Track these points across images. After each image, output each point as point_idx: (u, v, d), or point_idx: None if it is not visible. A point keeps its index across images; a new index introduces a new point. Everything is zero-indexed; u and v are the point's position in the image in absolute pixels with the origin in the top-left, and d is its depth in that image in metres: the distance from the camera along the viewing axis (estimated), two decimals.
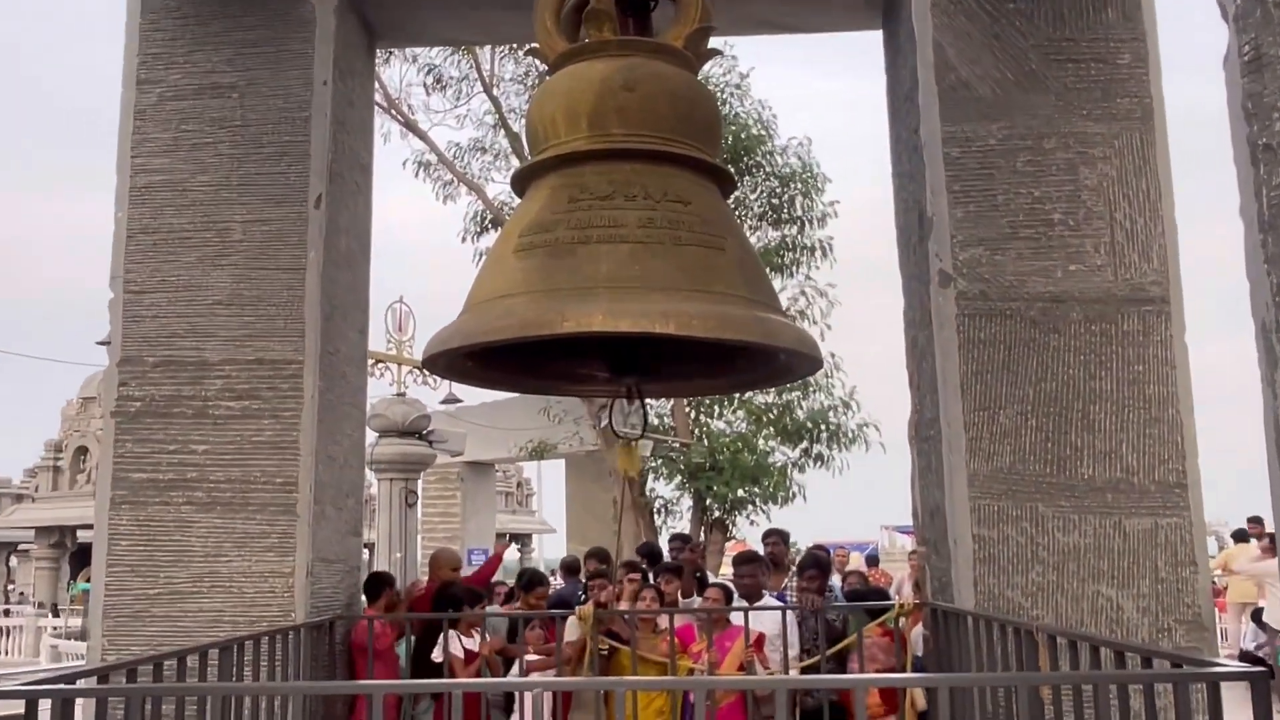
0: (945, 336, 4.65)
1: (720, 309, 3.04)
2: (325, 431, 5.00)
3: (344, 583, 5.23)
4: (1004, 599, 4.44)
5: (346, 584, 5.27)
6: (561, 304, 2.98)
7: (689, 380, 4.19)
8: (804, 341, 3.27)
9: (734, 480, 13.58)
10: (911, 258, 5.16)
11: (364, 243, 5.65)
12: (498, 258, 3.36)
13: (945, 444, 4.65)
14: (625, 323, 2.92)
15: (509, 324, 2.99)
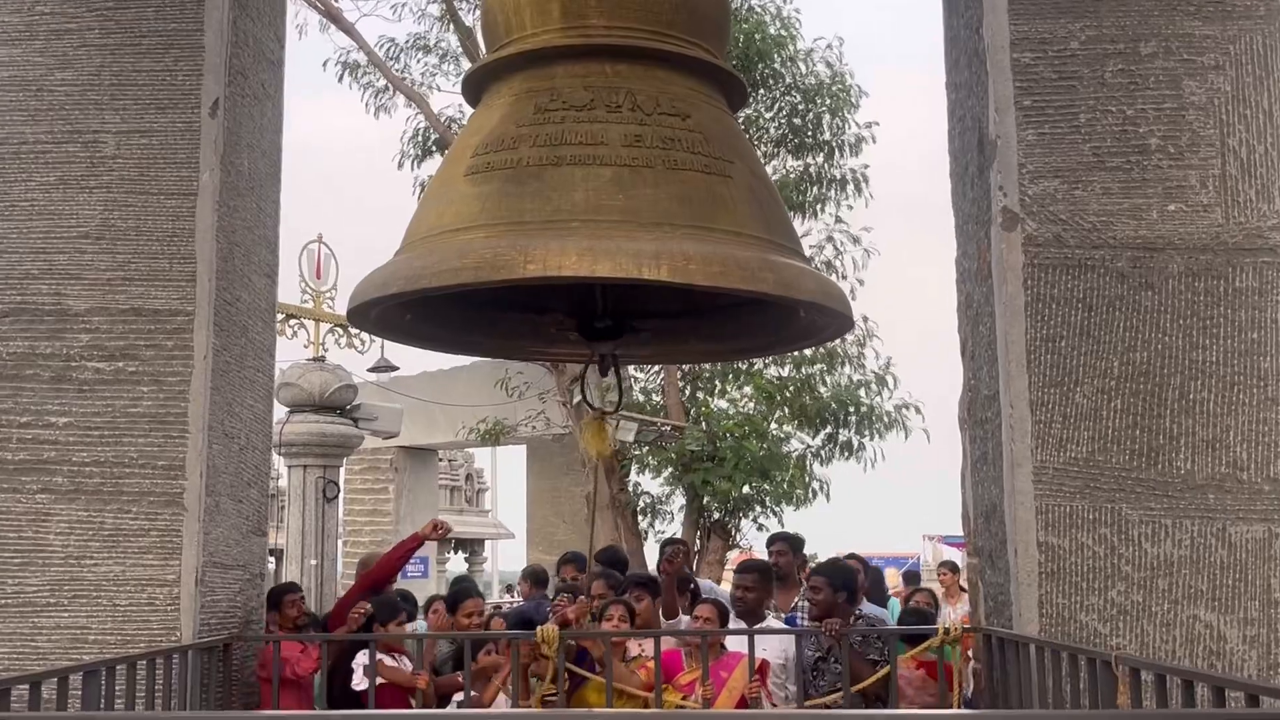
0: (1009, 293, 4.67)
1: (725, 251, 3.05)
2: (221, 403, 4.98)
3: (243, 594, 5.24)
4: (1075, 624, 4.49)
5: (246, 596, 5.27)
6: (525, 242, 2.99)
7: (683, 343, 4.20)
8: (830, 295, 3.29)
9: (738, 474, 13.63)
10: (968, 193, 5.17)
11: (273, 163, 5.62)
12: (445, 183, 3.36)
13: (1006, 429, 4.68)
14: (605, 266, 2.93)
15: (459, 266, 2.99)
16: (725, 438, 13.90)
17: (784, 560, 6.95)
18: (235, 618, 5.14)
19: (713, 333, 4.05)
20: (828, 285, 3.39)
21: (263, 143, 5.47)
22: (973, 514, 5.25)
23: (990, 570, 4.98)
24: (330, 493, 12.71)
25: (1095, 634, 4.46)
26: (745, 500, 14.27)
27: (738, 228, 3.19)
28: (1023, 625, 4.56)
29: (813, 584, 6.08)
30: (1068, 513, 4.56)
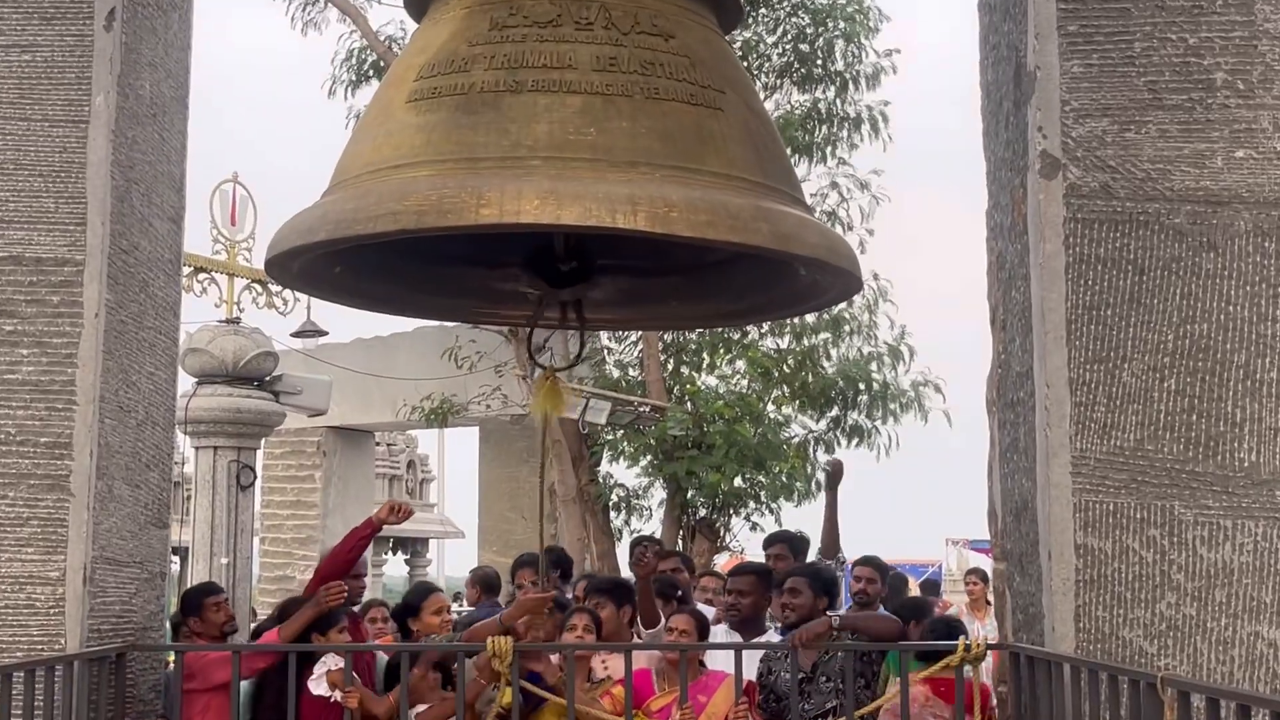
0: (1048, 252, 4.70)
1: (713, 197, 3.08)
2: (116, 370, 4.98)
3: (140, 596, 5.25)
4: (1118, 640, 4.54)
5: (144, 598, 5.28)
6: (478, 182, 3.01)
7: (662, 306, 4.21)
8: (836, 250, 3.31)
9: (729, 463, 13.70)
10: (1002, 134, 5.19)
11: (179, 86, 5.60)
12: (384, 110, 3.37)
13: (1040, 412, 4.72)
14: (571, 212, 2.95)
15: (399, 210, 3.01)
16: (714, 420, 13.96)
17: (784, 565, 6.98)
18: (130, 623, 5.15)
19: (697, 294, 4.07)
20: (833, 239, 3.42)
21: (167, 62, 5.44)
22: (1000, 511, 5.30)
23: (1019, 577, 5.02)
24: (245, 479, 12.69)
25: (1140, 653, 4.51)
26: (736, 494, 14.36)
27: (728, 170, 3.21)
28: (1056, 642, 4.61)
29: (791, 585, 6.12)
30: (1111, 511, 4.60)
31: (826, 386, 14.51)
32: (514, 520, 19.91)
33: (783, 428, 14.71)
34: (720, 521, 14.77)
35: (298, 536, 22.03)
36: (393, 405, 18.99)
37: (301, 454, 22.19)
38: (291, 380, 13.17)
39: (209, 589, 6.37)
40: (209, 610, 6.20)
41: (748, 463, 13.93)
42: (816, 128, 14.72)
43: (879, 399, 14.52)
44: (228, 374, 12.54)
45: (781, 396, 14.80)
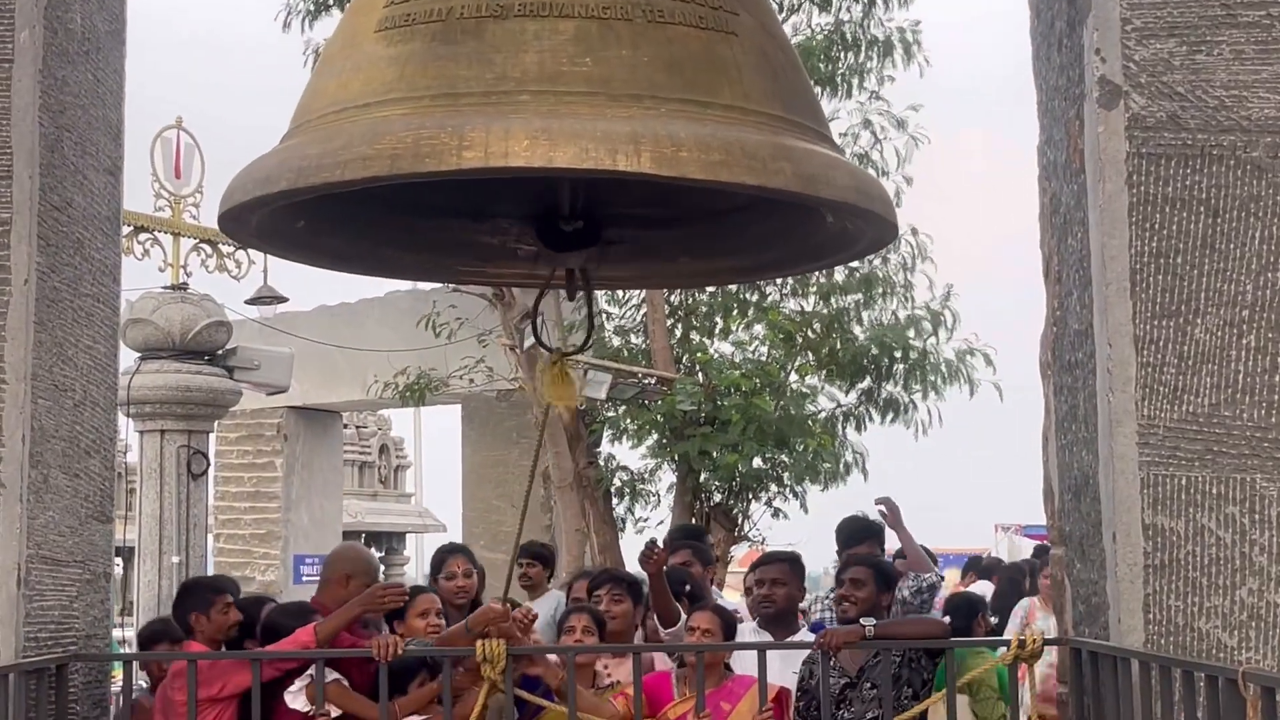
0: (1108, 192, 4.70)
1: (728, 134, 3.09)
2: (50, 343, 4.99)
3: (82, 599, 5.27)
4: (1193, 633, 4.56)
5: (87, 601, 5.31)
6: (459, 121, 3.02)
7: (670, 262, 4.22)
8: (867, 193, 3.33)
9: (747, 442, 13.71)
10: (1054, 59, 5.18)
11: (114, 19, 5.60)
12: (350, 41, 3.38)
13: (1102, 375, 4.73)
14: (566, 154, 2.97)
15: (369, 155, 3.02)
16: (729, 393, 13.97)
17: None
18: (72, 630, 5.17)
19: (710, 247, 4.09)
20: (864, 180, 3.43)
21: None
22: (1058, 489, 5.31)
23: (1080, 564, 5.05)
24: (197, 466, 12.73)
25: (1219, 646, 4.53)
26: (756, 476, 14.37)
27: (744, 102, 3.22)
28: (1123, 635, 4.63)
29: (854, 576, 6.13)
30: (1183, 486, 4.62)
31: (857, 354, 14.51)
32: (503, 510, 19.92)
33: (808, 400, 14.71)
34: (738, 508, 14.79)
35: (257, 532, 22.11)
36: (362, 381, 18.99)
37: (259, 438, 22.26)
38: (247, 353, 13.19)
39: (220, 584, 6.38)
40: (217, 610, 6.18)
41: (768, 441, 13.93)
42: (841, 55, 14.68)
43: (917, 369, 14.51)
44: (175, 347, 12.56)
45: (806, 365, 14.80)
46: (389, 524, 33.81)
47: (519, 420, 19.18)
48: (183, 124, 13.65)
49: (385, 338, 18.57)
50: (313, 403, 21.80)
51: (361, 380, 19.13)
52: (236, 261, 13.86)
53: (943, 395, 14.63)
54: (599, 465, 15.33)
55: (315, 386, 20.66)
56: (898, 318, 14.79)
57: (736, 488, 14.61)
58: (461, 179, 3.13)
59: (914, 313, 14.75)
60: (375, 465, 34.60)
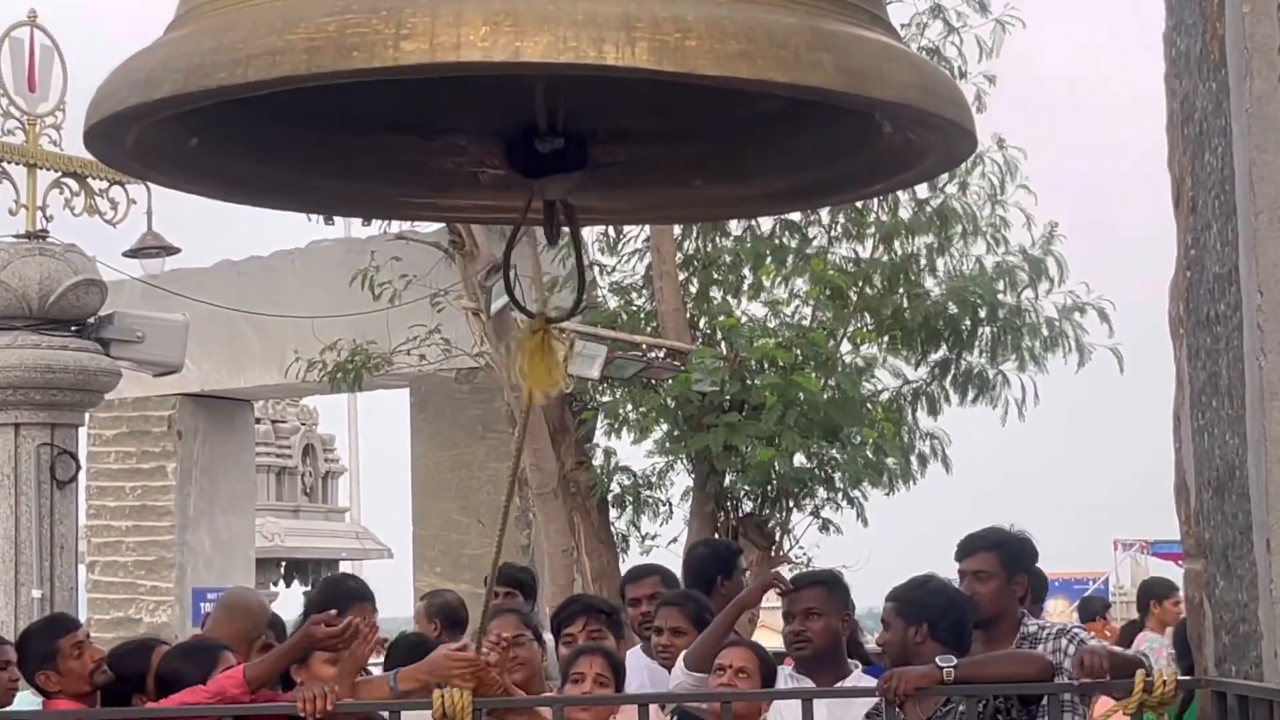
0: (1257, 91, 4.71)
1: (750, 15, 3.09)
2: None
3: None
4: None
5: None
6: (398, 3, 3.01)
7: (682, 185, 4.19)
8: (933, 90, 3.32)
9: (786, 431, 13.70)
10: None
11: None
12: None
13: (1251, 333, 4.74)
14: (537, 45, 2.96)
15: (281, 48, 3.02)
16: (762, 369, 13.98)
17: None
18: None
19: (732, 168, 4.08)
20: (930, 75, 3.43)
21: None
22: (1194, 484, 5.32)
23: (1224, 581, 5.05)
24: (64, 471, 12.74)
25: None
26: (798, 478, 14.37)
27: None
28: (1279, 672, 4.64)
29: (883, 616, 6.17)
30: None
31: (930, 315, 14.50)
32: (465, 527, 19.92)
33: (865, 377, 14.70)
34: (775, 520, 14.79)
35: (143, 559, 22.14)
36: (279, 359, 19.03)
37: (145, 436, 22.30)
38: (127, 322, 13.19)
39: (60, 623, 6.36)
40: (67, 656, 6.19)
41: (814, 430, 13.93)
42: None
43: (1008, 332, 14.50)
44: (32, 314, 12.56)
45: (863, 331, 14.80)
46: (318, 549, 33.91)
47: (485, 408, 19.15)
48: (36, 19, 13.61)
49: (309, 302, 18.60)
50: (214, 389, 21.84)
51: (278, 358, 19.16)
52: (111, 201, 13.80)
53: (1043, 366, 14.63)
54: (592, 466, 15.34)
55: (218, 367, 20.72)
56: (983, 266, 14.77)
57: (773, 493, 14.61)
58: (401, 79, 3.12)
59: (1005, 259, 14.73)
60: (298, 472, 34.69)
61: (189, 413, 22.08)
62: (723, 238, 15.26)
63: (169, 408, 21.88)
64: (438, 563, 19.82)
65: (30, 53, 13.48)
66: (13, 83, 13.38)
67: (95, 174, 13.57)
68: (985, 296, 14.42)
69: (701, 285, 15.57)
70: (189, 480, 22.20)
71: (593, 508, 15.21)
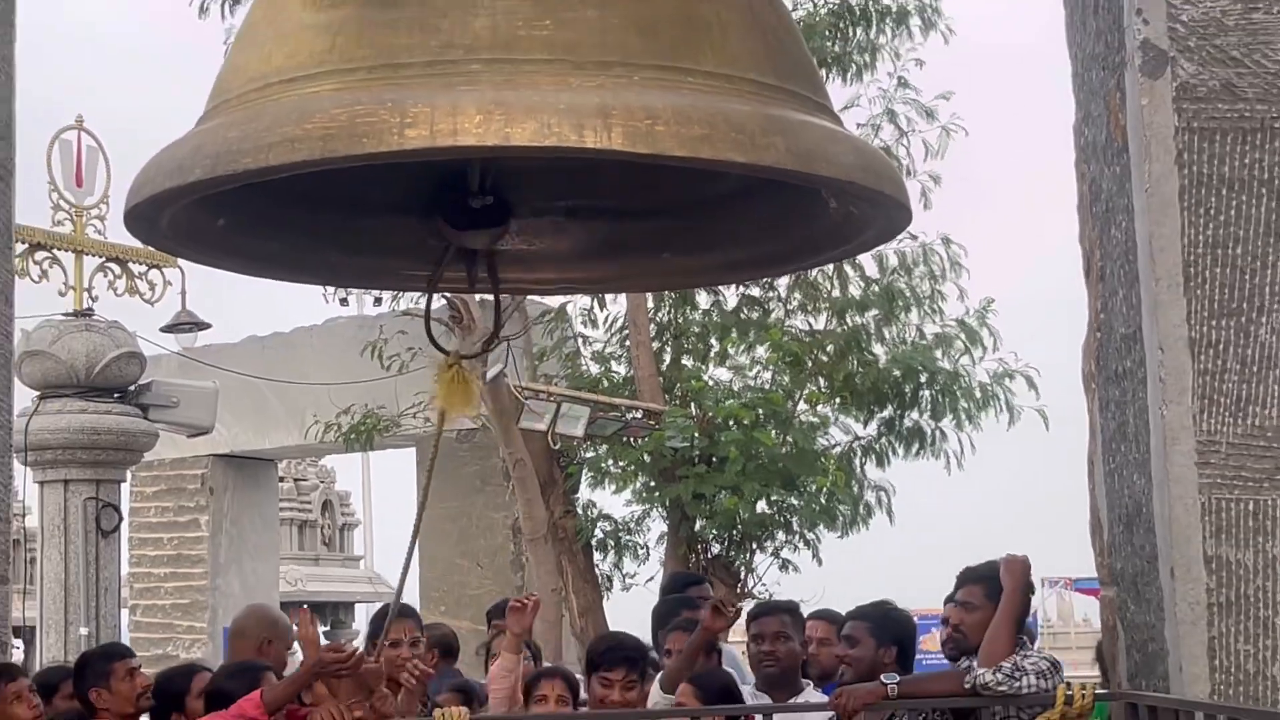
0: (1155, 174, 4.74)
1: (711, 104, 3.11)
2: None
3: None
4: (1266, 681, 4.59)
5: None
6: (401, 95, 3.03)
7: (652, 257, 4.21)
8: (874, 170, 3.34)
9: (749, 482, 13.71)
10: (1090, 21, 5.23)
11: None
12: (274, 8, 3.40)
13: (1154, 386, 4.76)
14: (525, 130, 2.98)
15: (298, 136, 3.03)
16: (727, 427, 13.98)
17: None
18: None
19: (696, 241, 4.09)
20: (869, 156, 3.44)
21: None
22: (1106, 520, 5.34)
23: (1134, 605, 5.07)
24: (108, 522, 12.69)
25: None
26: (760, 523, 14.37)
27: (729, 69, 3.24)
28: (1186, 686, 4.65)
29: (847, 633, 6.18)
30: (1251, 511, 4.65)
31: (878, 379, 14.53)
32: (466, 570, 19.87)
33: (819, 433, 14.72)
34: (740, 560, 14.78)
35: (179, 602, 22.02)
36: (299, 423, 18.98)
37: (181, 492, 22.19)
38: (164, 389, 13.17)
39: (115, 651, 6.33)
40: (118, 679, 6.14)
41: (774, 481, 13.95)
42: (849, 30, 14.72)
43: (946, 394, 14.55)
44: (79, 384, 12.54)
45: (817, 393, 14.81)
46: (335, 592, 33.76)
47: (483, 465, 19.12)
48: (83, 124, 13.64)
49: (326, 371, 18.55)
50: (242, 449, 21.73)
51: (299, 422, 19.12)
52: (150, 283, 13.83)
53: (977, 424, 14.66)
54: (577, 514, 15.33)
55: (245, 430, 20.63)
56: (924, 336, 14.81)
57: (738, 537, 14.59)
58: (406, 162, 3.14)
59: (944, 330, 14.78)
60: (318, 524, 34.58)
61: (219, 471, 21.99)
62: (692, 311, 15.36)
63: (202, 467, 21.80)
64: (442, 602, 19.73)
65: (78, 152, 13.51)
66: (62, 179, 13.41)
67: (135, 259, 13.63)
68: (926, 363, 14.48)
69: (673, 353, 15.61)
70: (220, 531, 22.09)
71: (579, 551, 15.21)
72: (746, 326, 15.11)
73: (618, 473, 14.90)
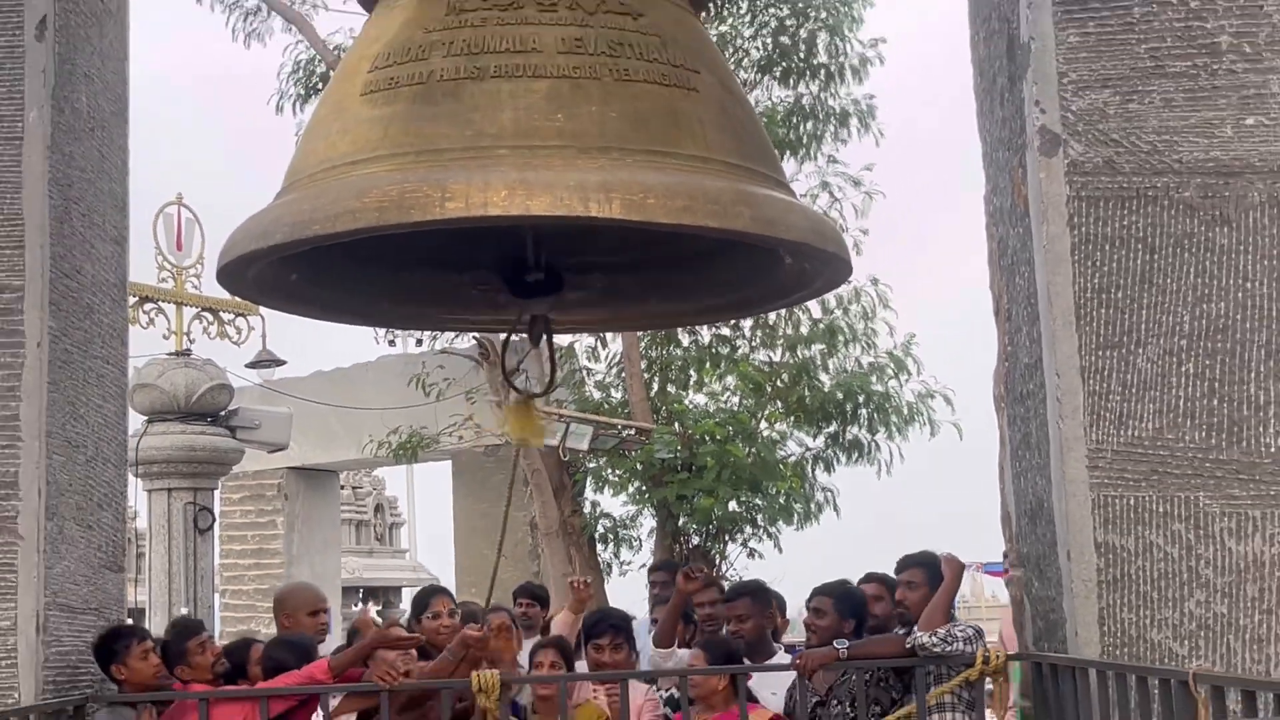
0: (1050, 234, 4.74)
1: (691, 181, 3.12)
2: (63, 402, 4.98)
3: None
4: (1146, 644, 4.57)
5: None
6: (442, 174, 3.04)
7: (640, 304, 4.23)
8: (822, 234, 3.35)
9: (722, 486, 13.70)
10: (997, 111, 5.23)
11: (118, 99, 5.62)
12: (338, 105, 3.40)
13: (1052, 404, 4.75)
14: (542, 202, 2.98)
15: (358, 208, 3.03)
16: (704, 441, 13.96)
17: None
18: (88, 674, 5.14)
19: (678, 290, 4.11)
20: (819, 222, 3.46)
21: (104, 73, 5.46)
22: (1014, 514, 5.33)
23: (1038, 582, 5.05)
24: (203, 522, 12.67)
25: (1170, 655, 4.54)
26: (732, 519, 14.34)
27: (706, 152, 3.25)
28: (1080, 648, 4.64)
29: (815, 605, 6.16)
30: (1132, 506, 4.64)
31: (824, 401, 14.51)
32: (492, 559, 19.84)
33: (778, 446, 14.71)
34: (715, 549, 14.74)
35: (260, 588, 21.91)
36: (357, 441, 18.92)
37: (261, 498, 22.13)
38: (248, 414, 13.16)
39: (188, 628, 6.25)
40: (194, 654, 6.06)
41: (742, 484, 13.92)
42: (800, 124, 14.76)
43: (879, 412, 14.54)
44: (180, 410, 12.53)
45: (775, 413, 14.80)
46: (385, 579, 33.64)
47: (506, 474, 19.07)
48: (182, 200, 13.65)
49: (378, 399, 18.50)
50: (311, 463, 21.68)
51: (357, 440, 19.06)
52: (236, 328, 13.85)
53: (905, 436, 14.65)
54: (583, 513, 15.33)
55: (313, 448, 20.57)
56: (860, 365, 14.80)
57: (713, 530, 14.57)
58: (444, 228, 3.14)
59: (876, 359, 14.76)
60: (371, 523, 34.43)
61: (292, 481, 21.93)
62: (674, 347, 15.36)
63: (278, 477, 21.73)
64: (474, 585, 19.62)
65: (178, 222, 13.52)
66: (165, 244, 13.41)
67: (224, 308, 13.64)
68: (863, 387, 14.45)
69: (660, 382, 15.60)
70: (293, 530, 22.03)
71: (584, 543, 15.20)
72: (718, 360, 15.11)
73: (615, 479, 14.89)
